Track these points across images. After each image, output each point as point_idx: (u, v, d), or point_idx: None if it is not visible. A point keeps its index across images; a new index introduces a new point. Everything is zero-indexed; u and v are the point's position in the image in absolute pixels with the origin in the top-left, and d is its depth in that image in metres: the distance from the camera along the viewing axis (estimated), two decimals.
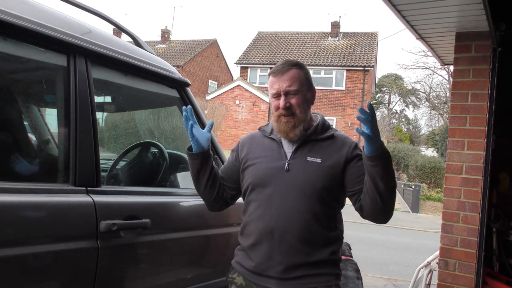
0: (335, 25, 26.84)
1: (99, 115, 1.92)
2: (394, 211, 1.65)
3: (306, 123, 1.64)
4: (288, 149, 1.65)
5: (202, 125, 2.26)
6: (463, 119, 2.86)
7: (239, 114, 21.59)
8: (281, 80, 1.62)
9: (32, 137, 2.19)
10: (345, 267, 2.56)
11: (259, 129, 1.81)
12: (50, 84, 1.81)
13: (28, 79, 1.84)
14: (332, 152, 1.62)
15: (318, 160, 1.59)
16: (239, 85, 21.78)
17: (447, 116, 24.42)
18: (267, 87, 1.74)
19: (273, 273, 1.56)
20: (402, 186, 16.39)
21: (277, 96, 1.64)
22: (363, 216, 1.61)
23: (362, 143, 1.55)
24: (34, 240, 1.39)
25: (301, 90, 1.62)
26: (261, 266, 1.60)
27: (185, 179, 2.42)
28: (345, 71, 23.43)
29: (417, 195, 14.08)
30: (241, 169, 1.74)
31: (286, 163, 1.61)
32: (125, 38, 2.49)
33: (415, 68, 42.16)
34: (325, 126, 1.69)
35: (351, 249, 2.87)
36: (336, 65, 23.38)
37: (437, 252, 2.99)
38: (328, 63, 23.49)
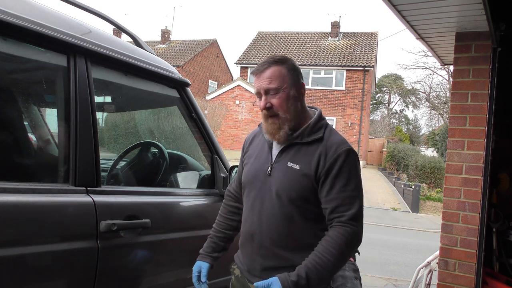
0: (335, 25, 26.83)
1: (99, 115, 1.92)
2: (395, 211, 1.65)
3: (292, 123, 1.54)
4: (275, 151, 1.60)
5: (204, 127, 2.26)
6: (463, 119, 2.86)
7: (239, 114, 21.58)
8: (261, 79, 1.54)
9: (32, 137, 2.19)
10: (343, 267, 2.55)
11: (259, 125, 1.76)
12: (50, 84, 1.81)
13: (28, 79, 1.84)
14: (312, 159, 1.50)
15: (297, 167, 1.51)
16: (239, 85, 21.77)
17: (447, 116, 24.42)
18: None
19: (256, 273, 1.60)
20: (402, 186, 16.38)
21: (259, 95, 1.56)
22: None
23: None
24: (34, 240, 1.39)
25: (282, 88, 1.52)
26: (247, 265, 1.65)
27: (185, 179, 2.43)
28: (345, 71, 23.43)
29: (417, 195, 14.05)
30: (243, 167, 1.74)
31: (269, 167, 1.58)
32: (125, 38, 2.49)
33: (415, 68, 42.23)
34: (316, 127, 1.56)
35: (357, 252, 2.84)
36: (336, 65, 23.38)
37: (437, 252, 2.99)
38: (328, 63, 23.49)
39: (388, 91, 44.92)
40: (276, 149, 1.60)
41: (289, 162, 1.54)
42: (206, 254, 1.76)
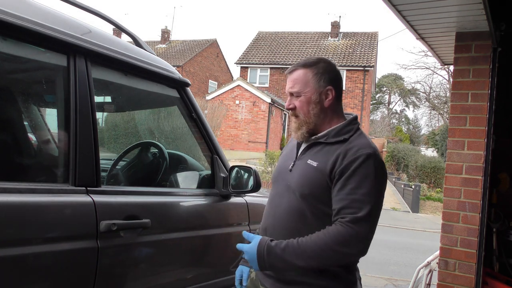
0: (335, 25, 26.85)
1: (99, 115, 1.92)
2: (395, 211, 1.64)
3: (311, 125, 1.57)
4: (301, 149, 1.63)
5: (204, 127, 2.26)
6: (463, 119, 2.86)
7: (239, 114, 21.58)
8: (288, 81, 1.61)
9: (32, 137, 2.19)
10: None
11: None
12: (50, 84, 1.81)
13: (28, 79, 1.84)
14: (331, 158, 1.49)
15: (315, 164, 1.51)
16: (239, 85, 21.77)
17: (447, 116, 24.41)
18: (267, 87, 1.75)
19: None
20: (402, 186, 16.38)
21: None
22: None
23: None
24: (34, 240, 1.39)
25: (304, 92, 1.56)
26: None
27: (185, 179, 2.43)
28: (345, 71, 23.43)
29: (417, 195, 14.05)
30: None
31: (292, 164, 1.61)
32: (125, 38, 2.49)
33: (415, 68, 42.26)
34: (344, 130, 1.54)
35: None
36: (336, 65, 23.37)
37: (437, 252, 3.00)
38: None
39: (388, 91, 44.98)
40: (302, 147, 1.63)
41: (309, 160, 1.55)
42: None
